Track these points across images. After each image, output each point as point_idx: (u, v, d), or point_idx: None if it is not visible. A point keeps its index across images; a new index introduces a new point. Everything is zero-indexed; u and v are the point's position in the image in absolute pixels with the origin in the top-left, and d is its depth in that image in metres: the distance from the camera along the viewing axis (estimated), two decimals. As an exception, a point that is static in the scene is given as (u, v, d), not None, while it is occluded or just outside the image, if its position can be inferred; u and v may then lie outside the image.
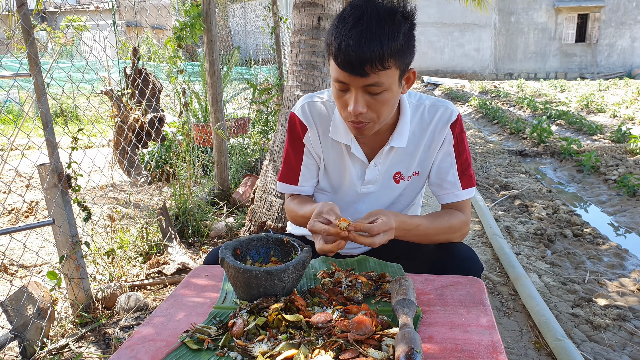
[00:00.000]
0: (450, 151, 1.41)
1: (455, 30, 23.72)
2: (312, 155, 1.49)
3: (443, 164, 1.42)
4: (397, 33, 1.14)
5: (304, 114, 1.45)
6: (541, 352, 2.04)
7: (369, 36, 1.11)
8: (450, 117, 1.38)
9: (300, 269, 1.12)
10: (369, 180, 1.44)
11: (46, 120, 2.01)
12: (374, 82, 1.16)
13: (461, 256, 1.34)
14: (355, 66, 1.13)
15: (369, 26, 1.12)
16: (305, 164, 1.49)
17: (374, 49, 1.11)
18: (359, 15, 1.13)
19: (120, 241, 2.76)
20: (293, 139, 1.49)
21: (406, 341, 0.87)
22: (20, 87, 6.66)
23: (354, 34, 1.12)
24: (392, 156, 1.41)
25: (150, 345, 1.00)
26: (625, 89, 15.40)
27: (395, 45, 1.13)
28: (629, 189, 4.37)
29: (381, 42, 1.11)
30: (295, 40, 2.99)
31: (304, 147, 1.48)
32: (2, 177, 4.62)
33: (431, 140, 1.40)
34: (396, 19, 1.15)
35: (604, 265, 2.98)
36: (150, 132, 4.36)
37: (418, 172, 1.45)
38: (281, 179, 1.53)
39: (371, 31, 1.12)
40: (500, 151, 6.49)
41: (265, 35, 5.45)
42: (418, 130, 1.40)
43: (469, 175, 1.42)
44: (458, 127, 1.40)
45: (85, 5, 16.73)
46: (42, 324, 1.98)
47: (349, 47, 1.12)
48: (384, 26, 1.12)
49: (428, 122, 1.39)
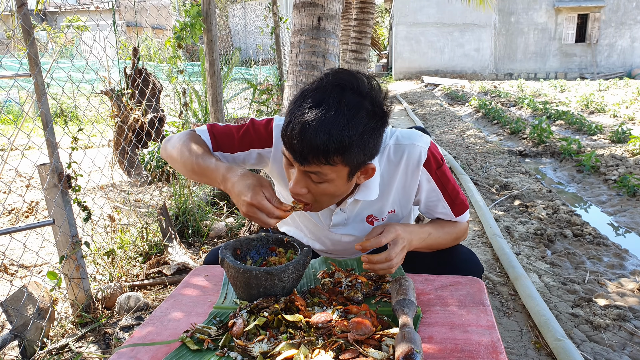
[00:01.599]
0: (433, 188, 1.32)
1: (455, 30, 23.70)
2: (243, 160, 1.36)
3: (430, 201, 1.35)
4: (352, 130, 1.03)
5: (279, 135, 1.20)
6: (541, 352, 2.04)
7: (319, 126, 1.01)
8: (419, 157, 1.27)
9: (300, 269, 1.12)
10: (337, 223, 1.37)
11: (46, 120, 2.01)
12: (315, 172, 1.08)
13: (462, 258, 1.34)
14: (296, 152, 1.05)
15: (323, 115, 1.02)
16: (235, 156, 1.34)
17: (319, 141, 1.02)
18: (318, 100, 1.04)
19: (120, 241, 2.76)
20: (249, 134, 1.33)
21: (406, 341, 0.87)
22: (20, 87, 6.66)
23: (305, 119, 1.02)
24: (360, 205, 1.33)
25: (150, 345, 1.00)
26: (625, 89, 15.39)
27: (347, 142, 1.03)
28: (629, 189, 4.37)
29: (329, 137, 1.01)
30: (295, 41, 2.99)
31: (247, 150, 1.33)
32: (2, 177, 4.62)
33: (404, 181, 1.31)
34: (359, 115, 1.04)
35: (604, 265, 2.98)
36: (150, 132, 4.36)
37: (394, 210, 1.37)
38: (210, 134, 1.34)
39: (323, 122, 1.01)
40: (500, 151, 6.49)
41: (265, 35, 5.45)
42: (386, 174, 1.29)
43: (460, 202, 1.36)
44: (433, 163, 1.29)
45: (85, 5, 16.73)
46: (42, 324, 1.98)
47: (295, 131, 1.03)
48: (338, 119, 1.02)
49: (396, 163, 1.28)
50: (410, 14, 23.20)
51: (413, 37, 23.65)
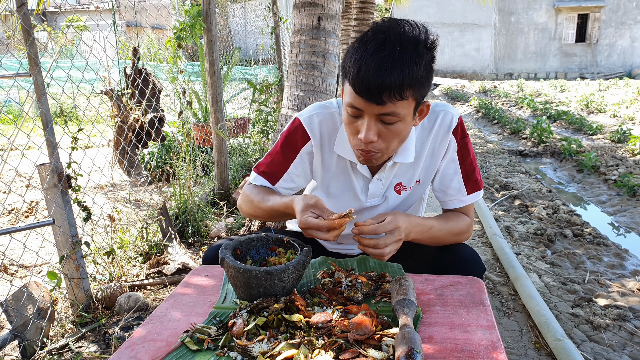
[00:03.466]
0: (453, 158, 1.36)
1: (455, 30, 23.72)
2: (301, 167, 1.42)
3: (447, 172, 1.38)
4: (418, 63, 1.09)
5: (310, 125, 1.38)
6: (541, 352, 2.04)
7: (391, 63, 1.06)
8: (451, 122, 1.33)
9: (300, 269, 1.12)
10: (373, 194, 1.41)
11: (46, 120, 2.01)
12: (390, 112, 1.11)
13: (464, 257, 1.34)
14: (373, 93, 1.08)
15: (391, 53, 1.07)
16: (290, 172, 1.41)
17: (395, 77, 1.06)
18: (381, 41, 1.08)
19: (120, 241, 2.76)
20: (288, 143, 1.40)
21: (406, 341, 0.87)
22: (20, 87, 6.66)
23: (375, 59, 1.07)
24: (396, 169, 1.38)
25: (150, 345, 1.00)
26: (625, 89, 15.40)
27: (416, 75, 1.09)
28: (629, 189, 4.37)
29: (402, 70, 1.07)
30: (295, 40, 2.99)
31: (296, 157, 1.40)
32: (2, 177, 4.62)
33: (433, 148, 1.36)
34: (419, 49, 1.10)
35: (604, 265, 2.98)
36: (150, 132, 4.36)
37: (420, 180, 1.42)
38: (260, 173, 1.42)
39: (393, 58, 1.07)
40: (500, 151, 6.49)
41: (265, 35, 5.45)
42: (419, 140, 1.35)
43: (474, 179, 1.38)
44: (460, 132, 1.35)
45: (85, 5, 16.72)
46: (42, 324, 1.98)
47: (369, 72, 1.07)
48: (406, 55, 1.08)
49: (429, 129, 1.34)
50: (410, 14, 23.20)
51: (413, 37, 23.63)
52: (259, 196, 1.36)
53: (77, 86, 2.55)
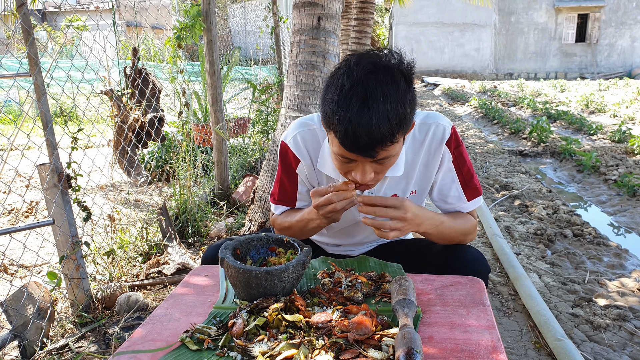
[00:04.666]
0: (450, 168, 1.36)
1: (455, 30, 23.71)
2: (306, 184, 1.45)
3: (444, 182, 1.38)
4: (403, 105, 1.06)
5: (296, 146, 1.39)
6: (541, 352, 2.04)
7: (378, 119, 1.03)
8: (443, 134, 1.32)
9: (300, 269, 1.12)
10: None
11: (46, 120, 2.01)
12: (383, 157, 1.11)
13: (469, 258, 1.33)
14: (364, 149, 1.07)
15: (376, 108, 1.03)
16: (300, 190, 1.45)
17: (384, 130, 1.03)
18: (363, 97, 1.04)
19: (120, 241, 2.75)
20: (286, 167, 1.44)
21: (406, 341, 0.87)
22: (20, 87, 6.66)
23: (361, 118, 1.03)
24: (388, 182, 1.37)
25: (150, 346, 1.00)
26: (625, 89, 15.40)
27: (403, 118, 1.06)
28: (629, 189, 4.37)
29: (390, 122, 1.03)
30: (295, 40, 2.99)
31: (298, 177, 1.43)
32: (2, 177, 4.62)
33: (427, 159, 1.36)
34: (401, 87, 1.06)
35: (604, 265, 2.98)
36: (150, 132, 4.36)
37: (415, 190, 1.41)
38: (277, 202, 1.48)
39: (379, 113, 1.03)
40: (500, 151, 6.49)
41: (265, 35, 5.45)
42: (411, 152, 1.34)
43: (473, 186, 1.38)
44: (454, 142, 1.34)
45: (85, 5, 16.72)
46: (42, 324, 1.98)
47: (358, 132, 1.03)
48: (390, 102, 1.04)
49: (420, 141, 1.34)
50: (410, 14, 23.20)
51: (413, 37, 23.65)
52: (288, 218, 1.42)
53: (77, 86, 2.54)
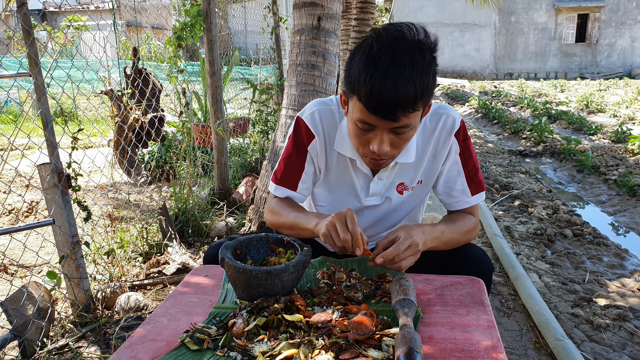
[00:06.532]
0: (456, 160, 1.38)
1: (455, 30, 23.72)
2: (314, 164, 1.44)
3: (450, 174, 1.39)
4: (427, 73, 1.09)
5: (312, 122, 1.39)
6: (541, 352, 2.04)
7: (404, 80, 1.05)
8: (453, 125, 1.35)
9: (300, 269, 1.12)
10: (373, 193, 1.42)
11: (46, 120, 2.01)
12: (403, 124, 1.13)
13: (474, 259, 1.33)
14: (387, 111, 1.09)
15: (403, 69, 1.06)
16: (306, 171, 1.43)
17: (409, 93, 1.06)
18: (391, 57, 1.07)
19: (120, 241, 2.75)
20: (297, 143, 1.42)
21: (406, 341, 0.87)
22: (20, 87, 6.66)
23: (389, 77, 1.06)
24: (398, 169, 1.38)
25: (150, 345, 1.00)
26: (625, 89, 15.40)
27: (427, 85, 1.09)
28: (629, 189, 4.37)
29: (415, 85, 1.06)
30: (296, 40, 2.99)
31: (307, 154, 1.42)
32: (2, 177, 4.62)
33: (435, 149, 1.37)
34: (426, 57, 1.10)
35: (604, 265, 2.98)
36: (150, 132, 4.36)
37: (422, 180, 1.42)
38: (279, 182, 1.44)
39: (405, 75, 1.06)
40: (500, 151, 6.49)
41: (265, 35, 5.45)
42: (421, 141, 1.36)
43: (477, 180, 1.39)
44: (462, 134, 1.36)
45: (85, 5, 16.71)
46: (42, 324, 1.98)
47: (384, 92, 1.06)
48: (416, 68, 1.07)
49: (431, 130, 1.36)
50: (410, 14, 23.20)
51: (413, 37, 23.60)
52: (286, 211, 1.38)
53: (77, 86, 2.55)
